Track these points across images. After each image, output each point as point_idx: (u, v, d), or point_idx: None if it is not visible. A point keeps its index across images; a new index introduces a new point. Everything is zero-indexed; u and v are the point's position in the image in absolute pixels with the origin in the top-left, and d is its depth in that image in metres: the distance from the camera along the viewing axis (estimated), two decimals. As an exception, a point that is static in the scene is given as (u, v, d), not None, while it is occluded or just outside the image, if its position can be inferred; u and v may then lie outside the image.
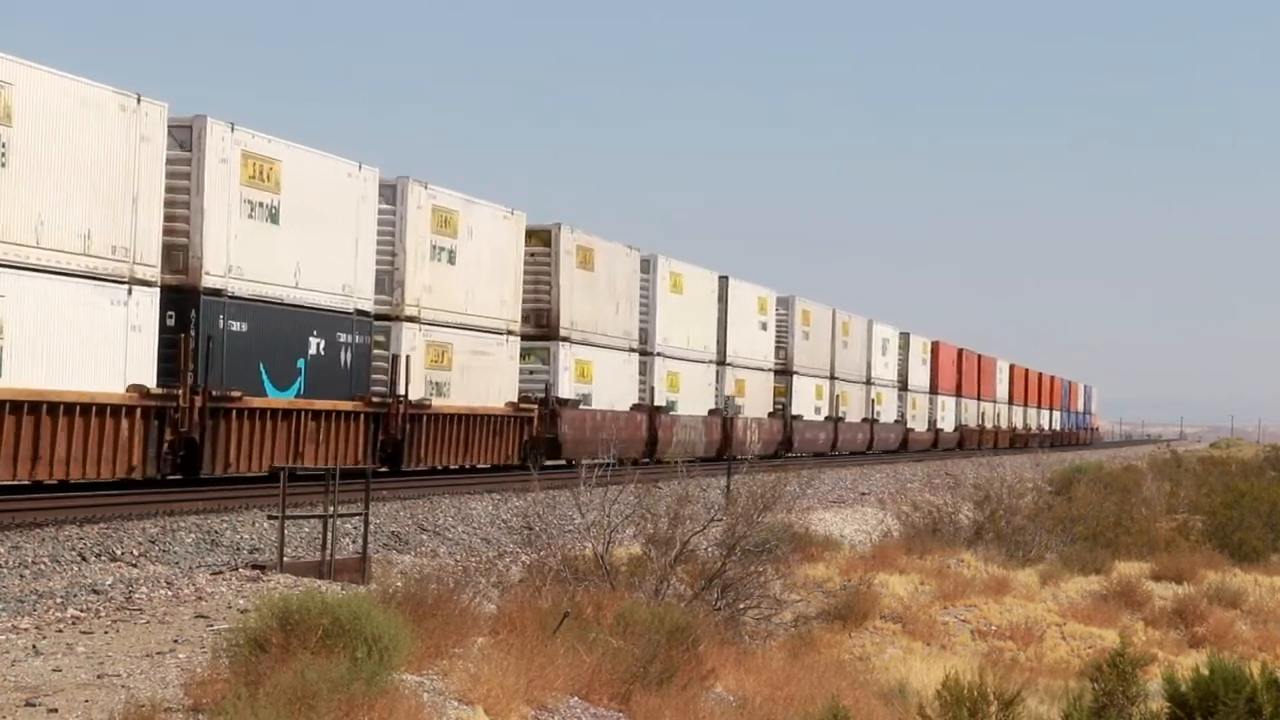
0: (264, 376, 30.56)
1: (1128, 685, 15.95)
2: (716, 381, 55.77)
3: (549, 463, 41.66)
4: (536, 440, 41.35)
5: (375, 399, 34.17)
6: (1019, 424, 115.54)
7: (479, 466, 39.29)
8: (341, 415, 32.95)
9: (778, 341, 63.70)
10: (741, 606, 22.16)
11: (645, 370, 49.20)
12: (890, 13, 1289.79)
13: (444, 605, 14.54)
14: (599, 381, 45.24)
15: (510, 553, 25.10)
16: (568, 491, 24.85)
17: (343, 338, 33.27)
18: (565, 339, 43.25)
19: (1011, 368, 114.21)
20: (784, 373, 63.81)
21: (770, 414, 61.35)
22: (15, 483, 24.98)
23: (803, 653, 21.29)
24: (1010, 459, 56.05)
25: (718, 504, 24.85)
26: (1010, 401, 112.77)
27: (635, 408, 47.87)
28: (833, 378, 70.63)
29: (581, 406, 43.94)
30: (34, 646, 13.85)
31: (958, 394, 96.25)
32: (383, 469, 33.97)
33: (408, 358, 35.21)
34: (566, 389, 43.14)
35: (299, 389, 31.62)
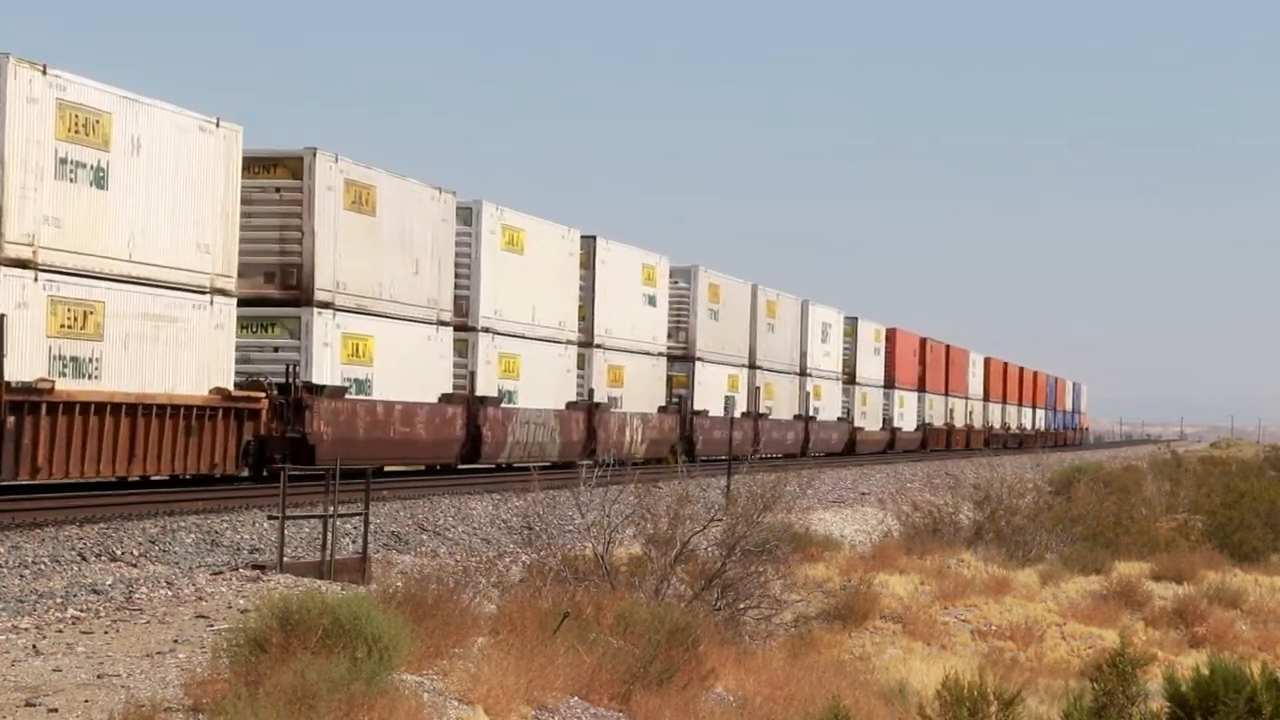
0: None
1: (1128, 685, 15.95)
2: (581, 367, 44.25)
3: (297, 471, 29.33)
4: (270, 441, 30.45)
5: None
6: (996, 423, 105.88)
7: (180, 476, 28.67)
8: None
9: (676, 320, 52.72)
10: (741, 606, 22.17)
11: (467, 350, 38.29)
12: (868, 6, 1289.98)
13: (444, 605, 14.53)
14: (386, 363, 34.02)
15: (510, 553, 25.10)
16: (568, 491, 24.84)
17: None
18: (325, 304, 31.94)
19: (987, 361, 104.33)
20: (683, 359, 52.97)
21: (662, 408, 50.11)
22: None
23: (803, 653, 21.29)
24: (1011, 459, 55.92)
25: (718, 504, 24.86)
26: (986, 398, 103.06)
27: (448, 399, 36.63)
28: (753, 366, 59.49)
29: (353, 395, 32.77)
30: (34, 646, 13.84)
31: (920, 389, 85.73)
32: None
33: (3, 318, 24.05)
34: (327, 372, 31.94)
35: None
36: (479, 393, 38.50)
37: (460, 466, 38.64)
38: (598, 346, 45.51)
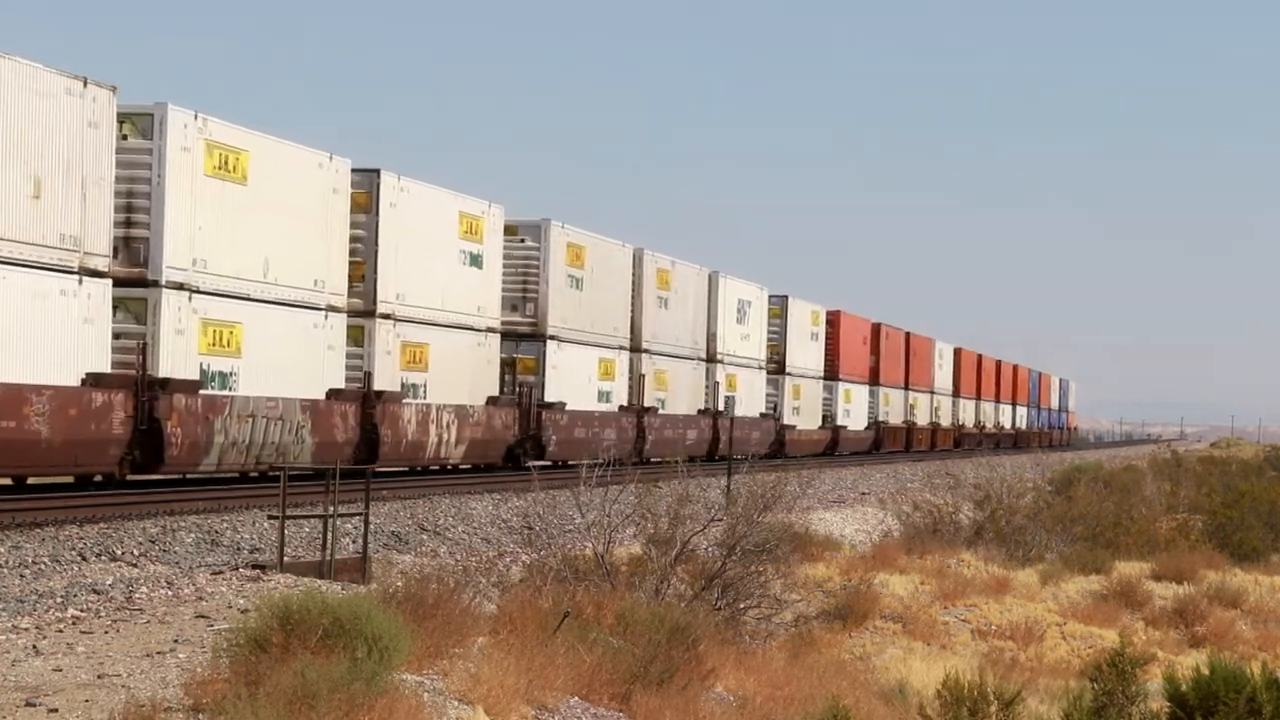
0: None
1: (1128, 685, 15.96)
2: (361, 345, 34.15)
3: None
4: None
5: None
6: (969, 420, 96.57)
7: None
8: None
9: (520, 289, 42.21)
10: (742, 606, 22.18)
11: (145, 314, 27.61)
12: None
13: (444, 605, 14.54)
14: None
15: (510, 552, 25.12)
16: (568, 491, 24.86)
17: None
18: None
19: (957, 352, 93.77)
20: (531, 338, 42.31)
21: (494, 400, 39.53)
22: None
23: (803, 653, 21.30)
24: (1010, 459, 55.86)
25: (718, 504, 24.87)
26: (956, 393, 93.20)
27: (97, 381, 25.76)
28: (636, 350, 48.62)
29: None
30: (34, 646, 13.85)
31: (873, 382, 75.35)
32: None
33: None
34: None
35: None
36: (161, 373, 27.62)
37: (132, 478, 27.66)
38: (384, 317, 34.87)
